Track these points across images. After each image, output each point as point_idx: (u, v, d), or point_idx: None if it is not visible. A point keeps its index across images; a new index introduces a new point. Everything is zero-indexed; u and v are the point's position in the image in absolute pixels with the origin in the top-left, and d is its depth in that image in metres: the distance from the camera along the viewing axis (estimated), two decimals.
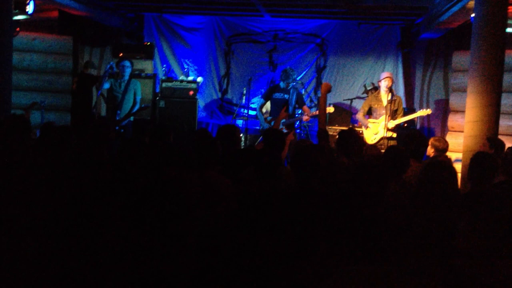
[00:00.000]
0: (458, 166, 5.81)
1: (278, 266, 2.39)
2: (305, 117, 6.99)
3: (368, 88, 8.45)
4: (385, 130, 6.75)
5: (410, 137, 4.57)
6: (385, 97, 6.98)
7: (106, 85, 7.13)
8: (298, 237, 2.57)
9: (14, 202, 3.00)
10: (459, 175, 5.53)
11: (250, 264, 2.37)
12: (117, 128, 6.63)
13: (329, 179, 4.03)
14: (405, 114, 7.13)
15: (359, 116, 7.22)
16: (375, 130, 6.98)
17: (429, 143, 5.46)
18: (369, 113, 7.20)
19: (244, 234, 2.53)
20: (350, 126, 7.66)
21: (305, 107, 7.13)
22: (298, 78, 8.35)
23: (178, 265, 2.40)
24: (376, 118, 7.05)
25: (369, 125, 7.05)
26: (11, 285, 2.43)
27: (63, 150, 3.98)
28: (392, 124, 6.82)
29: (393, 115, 6.90)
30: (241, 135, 7.68)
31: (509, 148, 4.53)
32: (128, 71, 7.13)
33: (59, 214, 2.77)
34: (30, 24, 7.65)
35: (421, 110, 7.07)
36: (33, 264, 2.48)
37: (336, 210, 2.82)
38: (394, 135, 6.90)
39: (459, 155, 6.24)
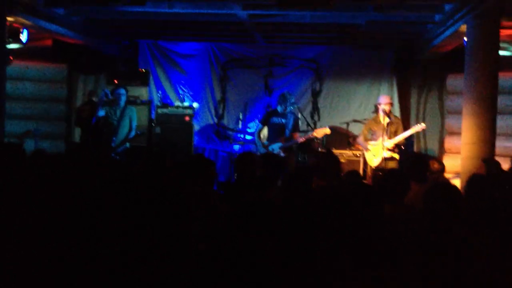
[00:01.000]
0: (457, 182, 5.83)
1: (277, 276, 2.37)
2: (300, 139, 6.96)
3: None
4: (382, 150, 6.76)
5: (410, 160, 4.55)
6: (384, 120, 7.00)
7: (101, 113, 7.10)
8: (295, 252, 2.55)
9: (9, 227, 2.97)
10: None
11: (250, 269, 2.36)
12: (112, 155, 6.58)
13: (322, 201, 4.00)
14: None
15: (360, 140, 7.31)
16: (375, 152, 6.97)
17: None
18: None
19: (243, 240, 2.52)
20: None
21: (295, 134, 7.05)
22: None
23: (178, 267, 2.39)
24: (375, 140, 7.06)
25: (369, 147, 7.05)
26: None
27: (53, 176, 3.95)
28: (390, 144, 6.81)
29: (392, 136, 6.90)
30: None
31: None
32: (123, 98, 7.11)
33: (60, 217, 2.77)
34: (24, 52, 7.65)
35: (415, 126, 7.07)
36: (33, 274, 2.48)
37: (333, 229, 2.80)
38: (397, 156, 6.89)
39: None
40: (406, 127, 7.60)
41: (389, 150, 6.83)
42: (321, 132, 6.98)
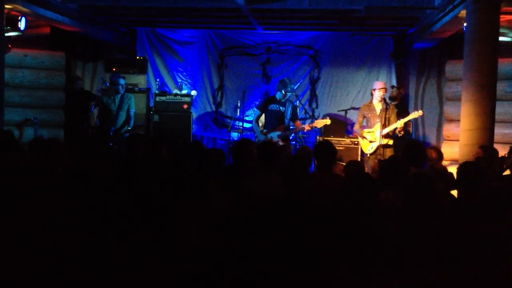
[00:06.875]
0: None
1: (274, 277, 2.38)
2: (306, 127, 6.96)
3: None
4: (381, 138, 6.75)
5: (407, 146, 4.55)
6: (378, 106, 6.97)
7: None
8: (292, 248, 2.56)
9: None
10: None
11: (245, 275, 2.36)
12: (110, 144, 6.58)
13: (319, 190, 4.02)
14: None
15: (356, 128, 7.28)
16: (372, 139, 6.96)
17: None
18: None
19: (239, 246, 2.52)
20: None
21: (297, 122, 7.09)
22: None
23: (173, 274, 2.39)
24: (370, 127, 7.04)
25: (364, 135, 7.04)
26: None
27: (53, 163, 3.94)
28: (385, 130, 6.79)
29: (387, 122, 6.89)
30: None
31: None
32: (122, 89, 7.12)
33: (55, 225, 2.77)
34: (22, 40, 7.62)
35: (413, 112, 7.05)
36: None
37: (328, 221, 2.81)
38: (391, 142, 6.88)
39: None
40: (404, 115, 7.59)
41: (385, 137, 6.82)
42: (322, 122, 6.99)
